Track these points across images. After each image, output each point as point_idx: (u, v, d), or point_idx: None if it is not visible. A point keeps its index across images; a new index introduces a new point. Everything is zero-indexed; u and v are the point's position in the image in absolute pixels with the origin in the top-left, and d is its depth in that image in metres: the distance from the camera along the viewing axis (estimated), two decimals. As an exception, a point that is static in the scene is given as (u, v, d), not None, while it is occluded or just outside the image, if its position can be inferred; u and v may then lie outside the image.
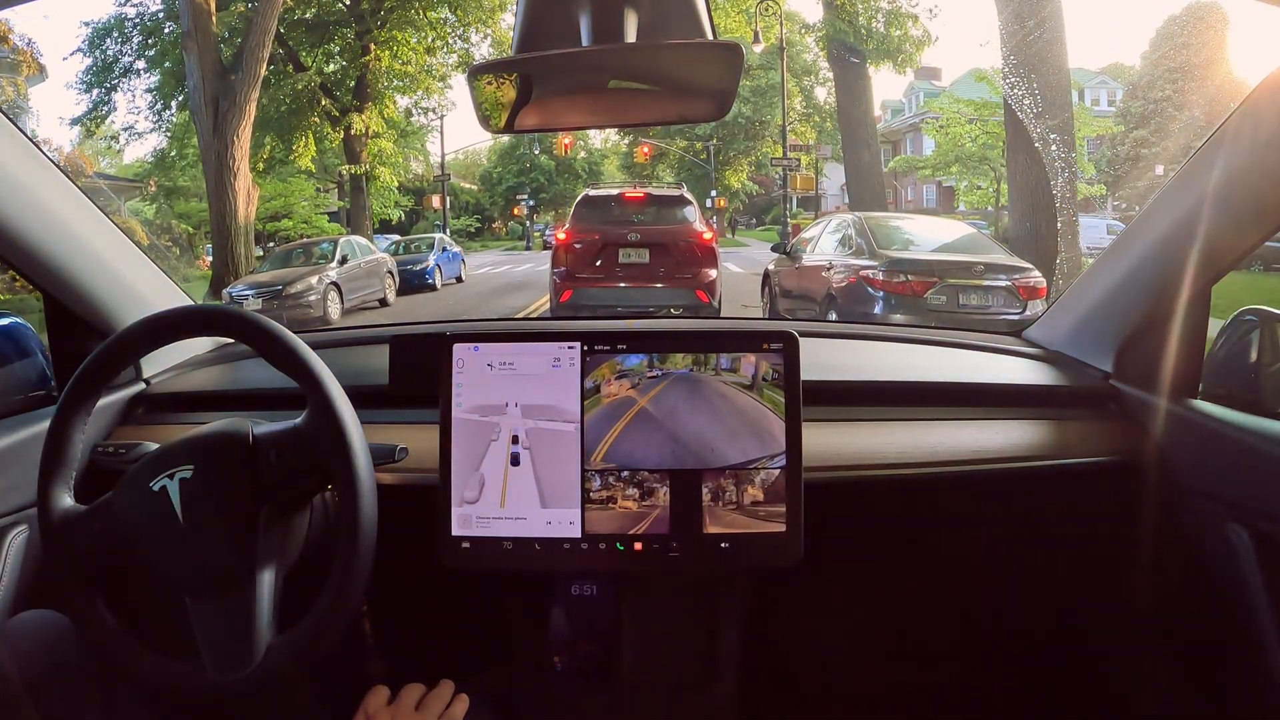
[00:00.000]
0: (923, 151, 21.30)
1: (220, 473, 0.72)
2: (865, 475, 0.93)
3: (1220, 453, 0.88)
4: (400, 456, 0.83)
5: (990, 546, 1.05)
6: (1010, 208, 9.55)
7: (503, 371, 0.81)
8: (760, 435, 0.81)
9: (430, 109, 17.38)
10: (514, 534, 0.79)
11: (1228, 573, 0.87)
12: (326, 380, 0.74)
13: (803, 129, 22.02)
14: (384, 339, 1.09)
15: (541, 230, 25.59)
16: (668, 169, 26.06)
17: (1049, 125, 7.73)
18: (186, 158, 14.92)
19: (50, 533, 0.74)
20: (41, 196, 0.92)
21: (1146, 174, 16.76)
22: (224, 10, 12.55)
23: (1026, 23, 7.99)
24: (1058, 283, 6.47)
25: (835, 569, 0.95)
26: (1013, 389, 1.08)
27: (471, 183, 29.96)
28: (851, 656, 1.11)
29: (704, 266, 6.01)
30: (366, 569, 0.71)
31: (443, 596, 1.06)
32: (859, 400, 1.04)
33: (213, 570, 0.70)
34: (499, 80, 0.68)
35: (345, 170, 15.52)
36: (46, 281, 0.98)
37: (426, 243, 13.23)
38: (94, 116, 14.13)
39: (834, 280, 5.61)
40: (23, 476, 0.88)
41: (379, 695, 0.75)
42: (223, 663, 0.69)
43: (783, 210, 18.40)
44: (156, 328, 0.78)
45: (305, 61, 14.91)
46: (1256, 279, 9.03)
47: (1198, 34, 17.19)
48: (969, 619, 1.11)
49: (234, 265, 10.41)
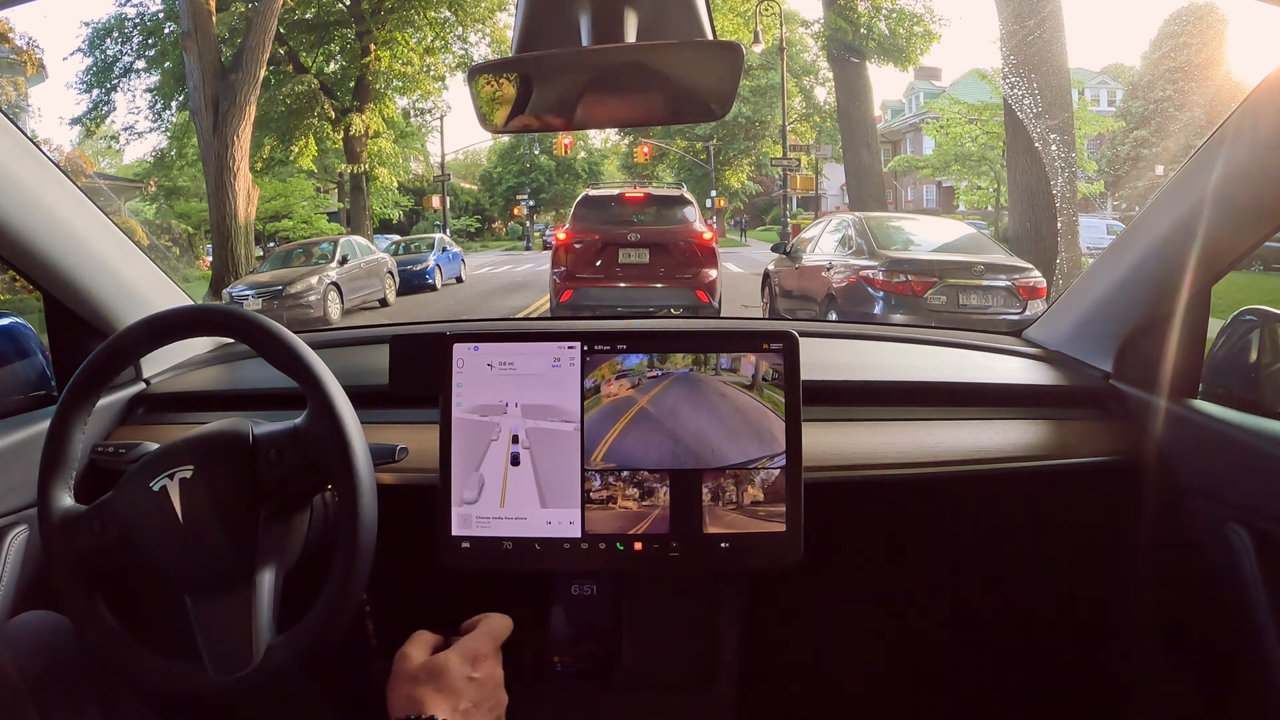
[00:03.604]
0: (923, 151, 21.31)
1: (220, 472, 0.72)
2: (865, 475, 0.93)
3: (1220, 453, 0.88)
4: (400, 456, 0.83)
5: (990, 546, 1.05)
6: (1010, 208, 9.55)
7: (503, 371, 0.81)
8: (760, 435, 0.81)
9: (428, 110, 17.42)
10: (514, 534, 0.79)
11: (1228, 573, 0.87)
12: (326, 380, 0.74)
13: (803, 129, 22.04)
14: (384, 339, 1.09)
15: (541, 230, 25.61)
16: (668, 169, 26.06)
17: (1049, 125, 7.73)
18: (186, 158, 14.92)
19: (50, 533, 0.74)
20: (41, 196, 0.92)
21: (1146, 174, 16.77)
22: (224, 10, 12.56)
23: (1026, 23, 7.99)
24: (1058, 283, 6.48)
25: (835, 569, 0.95)
26: (1013, 389, 1.08)
27: (471, 183, 29.97)
28: (851, 656, 1.11)
29: (704, 266, 6.02)
30: (366, 569, 0.71)
31: (443, 597, 1.06)
32: (859, 400, 1.04)
33: (213, 570, 0.70)
34: (499, 80, 0.68)
35: (345, 170, 15.52)
36: (46, 281, 0.98)
37: (426, 243, 13.24)
38: (94, 116, 14.14)
39: (834, 280, 5.61)
40: (23, 476, 0.88)
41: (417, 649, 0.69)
42: (223, 663, 0.69)
43: (783, 210, 18.41)
44: (156, 328, 0.78)
45: (305, 62, 14.92)
46: (1256, 279, 9.03)
47: (1198, 34, 17.20)
48: (969, 619, 1.11)
49: (234, 265, 10.42)
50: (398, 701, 0.63)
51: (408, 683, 0.63)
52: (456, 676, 0.63)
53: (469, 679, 0.63)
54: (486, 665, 0.65)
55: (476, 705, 0.63)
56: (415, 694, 0.62)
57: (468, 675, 0.64)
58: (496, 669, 0.67)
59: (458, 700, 0.62)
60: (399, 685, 0.64)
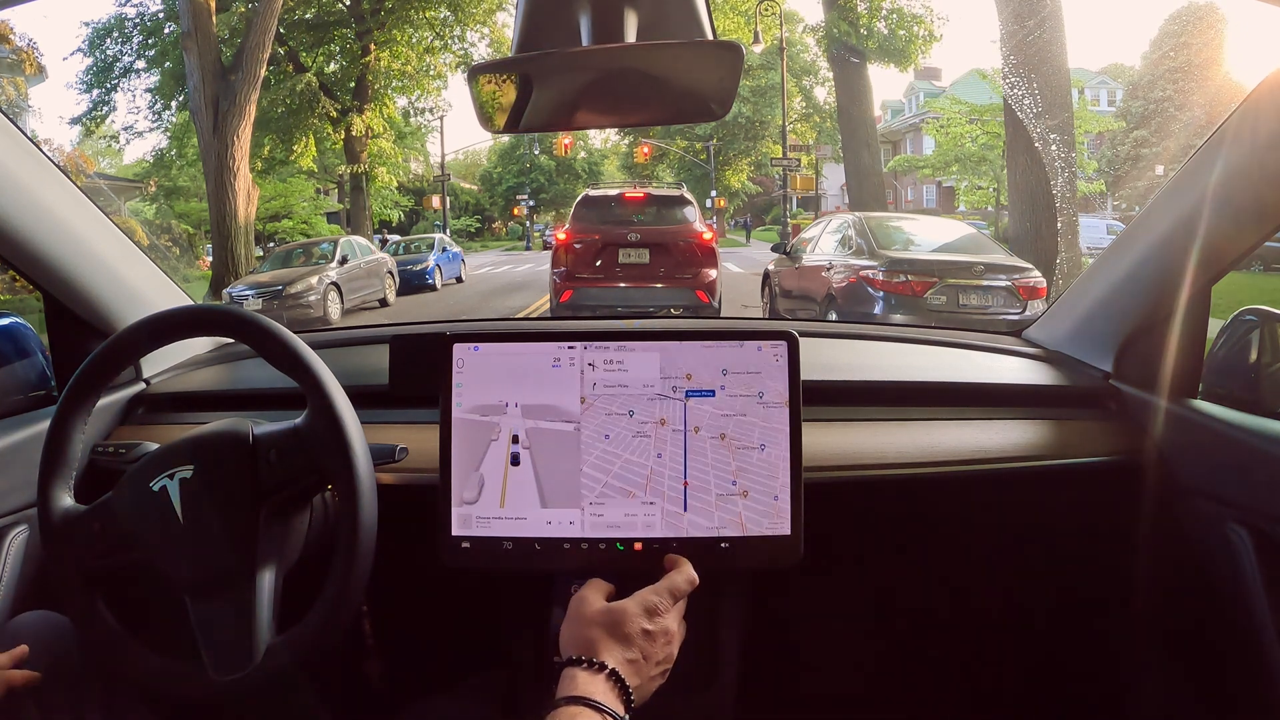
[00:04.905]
0: (923, 151, 21.31)
1: (220, 473, 0.72)
2: (865, 475, 0.93)
3: (1220, 453, 0.88)
4: (400, 456, 0.83)
5: (990, 546, 1.05)
6: (1010, 208, 9.55)
7: (503, 372, 0.81)
8: (760, 435, 0.80)
9: (427, 109, 17.42)
10: (514, 534, 0.79)
11: (1228, 573, 0.87)
12: (326, 380, 0.74)
13: (803, 129, 22.04)
14: (384, 339, 1.09)
15: (541, 230, 25.62)
16: (668, 169, 26.07)
17: (1049, 125, 7.73)
18: (186, 158, 14.92)
19: (50, 533, 0.74)
20: (41, 196, 0.92)
21: (1146, 174, 16.77)
22: (224, 10, 12.56)
23: (1026, 23, 7.99)
24: (1058, 283, 6.48)
25: (836, 569, 0.95)
26: (1013, 389, 1.08)
27: (471, 183, 29.98)
28: (852, 656, 1.11)
29: (704, 267, 6.01)
30: (366, 569, 0.71)
31: (443, 596, 1.06)
32: (859, 400, 1.04)
33: (213, 570, 0.70)
34: (499, 80, 0.68)
35: (345, 170, 15.52)
36: (46, 281, 0.98)
37: (426, 243, 13.24)
38: (94, 116, 14.14)
39: (834, 280, 5.61)
40: (23, 476, 0.88)
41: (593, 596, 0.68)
42: (223, 663, 0.69)
43: (783, 210, 18.42)
44: (156, 328, 0.78)
45: (305, 62, 14.91)
46: (1256, 279, 9.03)
47: (1198, 34, 17.20)
48: (969, 618, 1.11)
49: (234, 265, 10.42)
50: (570, 641, 0.64)
51: (584, 625, 0.64)
52: (633, 627, 0.63)
53: (644, 630, 0.64)
54: (662, 620, 0.65)
55: (646, 658, 0.63)
56: (590, 636, 0.63)
57: (643, 628, 0.64)
58: (672, 625, 0.66)
59: (629, 650, 0.63)
60: (575, 626, 0.65)
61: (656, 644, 0.64)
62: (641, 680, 0.63)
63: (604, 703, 0.58)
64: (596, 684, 0.60)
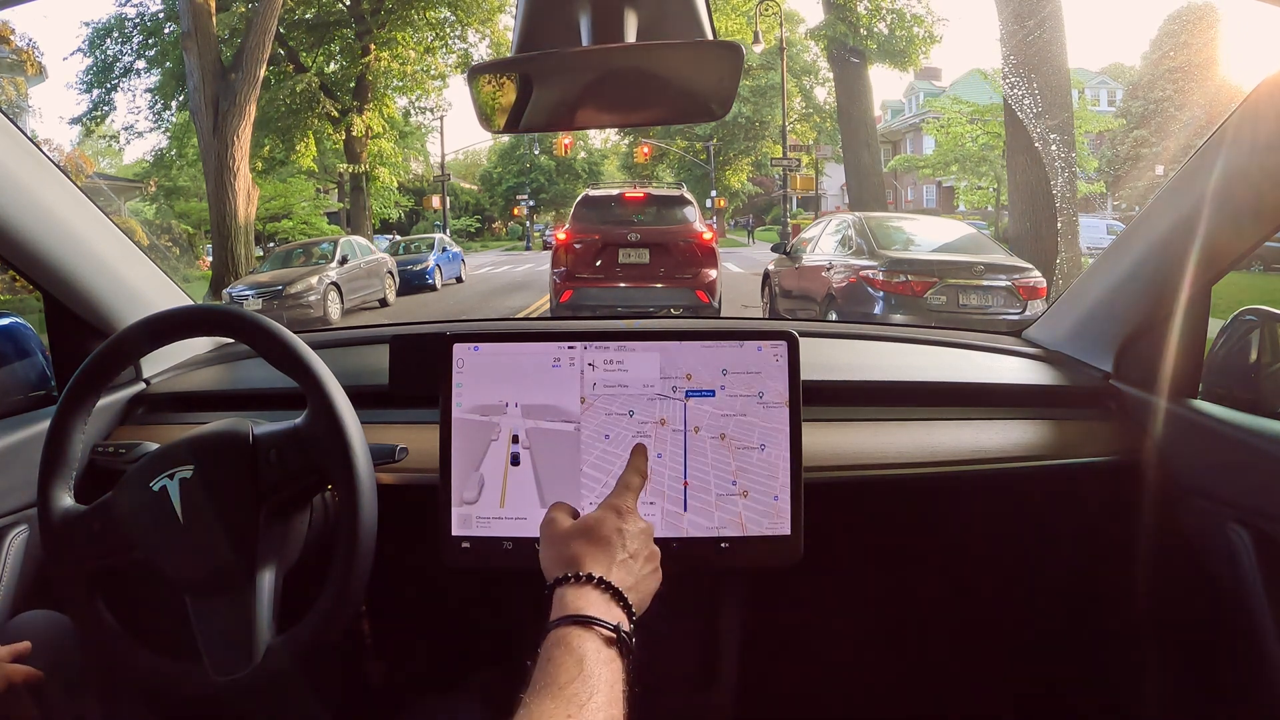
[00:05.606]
0: (923, 151, 21.30)
1: (220, 472, 0.72)
2: (866, 475, 0.93)
3: (1220, 453, 0.88)
4: (400, 456, 0.83)
5: (990, 546, 1.05)
6: (1010, 208, 9.55)
7: (502, 371, 0.81)
8: (760, 435, 0.80)
9: (428, 109, 17.42)
10: (514, 534, 0.79)
11: (1228, 573, 0.87)
12: (326, 380, 0.74)
13: (803, 129, 22.04)
14: (384, 339, 1.09)
15: (541, 230, 25.62)
16: (668, 169, 26.06)
17: (1049, 125, 7.73)
18: (186, 158, 14.93)
19: (50, 533, 0.74)
20: (41, 196, 0.92)
21: (1146, 174, 16.76)
22: (224, 11, 12.56)
23: (1026, 23, 7.99)
24: (1058, 283, 6.48)
25: (836, 569, 0.95)
26: (1013, 389, 1.08)
27: (471, 183, 29.98)
28: (851, 656, 1.11)
29: (704, 267, 6.01)
30: (366, 569, 0.71)
31: (443, 596, 1.06)
32: (859, 400, 1.04)
33: (213, 570, 0.70)
34: (499, 80, 0.68)
35: (345, 170, 15.52)
36: (46, 281, 0.98)
37: (426, 243, 13.24)
38: (94, 116, 14.15)
39: (834, 280, 5.61)
40: (23, 476, 0.89)
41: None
42: (223, 663, 0.69)
43: (783, 210, 18.42)
44: (156, 328, 0.78)
45: (305, 62, 14.92)
46: (1256, 279, 9.03)
47: (1198, 34, 17.19)
48: (969, 619, 1.11)
49: (234, 265, 10.42)
50: (553, 563, 0.61)
51: (560, 542, 0.62)
52: (609, 529, 0.62)
53: (619, 530, 0.62)
54: (631, 517, 0.65)
55: (633, 555, 0.62)
56: (570, 553, 0.61)
57: (618, 527, 0.63)
58: (642, 521, 0.65)
59: (615, 552, 0.61)
60: (552, 548, 0.63)
61: (637, 540, 0.63)
62: (635, 579, 0.61)
63: (599, 615, 0.55)
64: (587, 596, 0.57)
